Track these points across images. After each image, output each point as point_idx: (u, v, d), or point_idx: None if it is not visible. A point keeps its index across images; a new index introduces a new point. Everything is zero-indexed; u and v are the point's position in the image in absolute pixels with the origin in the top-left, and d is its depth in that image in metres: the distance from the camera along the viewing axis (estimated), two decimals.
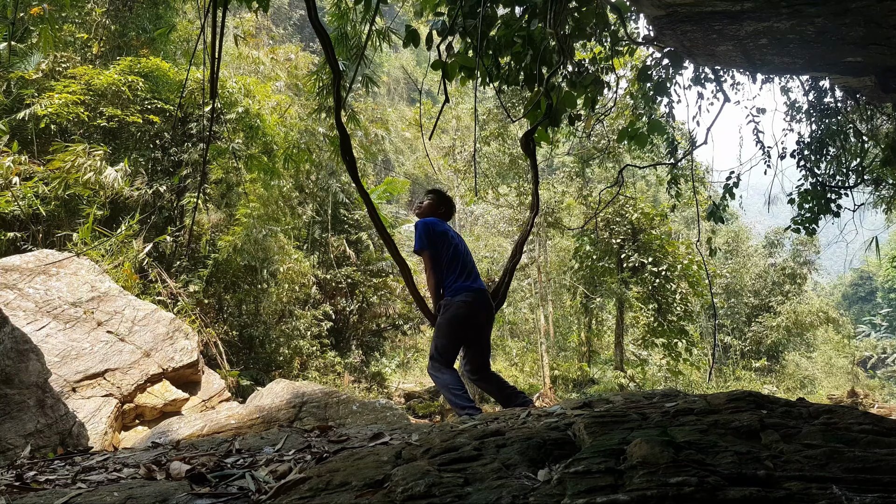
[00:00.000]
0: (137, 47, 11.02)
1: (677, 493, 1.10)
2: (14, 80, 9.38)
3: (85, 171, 8.88)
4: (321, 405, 5.20)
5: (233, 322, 11.39)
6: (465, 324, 3.71)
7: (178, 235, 10.33)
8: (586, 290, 16.33)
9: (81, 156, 8.97)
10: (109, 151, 9.51)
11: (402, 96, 32.85)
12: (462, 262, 3.85)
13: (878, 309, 32.55)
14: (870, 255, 27.24)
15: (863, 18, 3.44)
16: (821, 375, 21.72)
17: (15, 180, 8.39)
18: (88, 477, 2.04)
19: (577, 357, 18.45)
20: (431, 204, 4.09)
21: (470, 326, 3.74)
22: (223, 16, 2.53)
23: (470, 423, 2.34)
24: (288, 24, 27.86)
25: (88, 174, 8.89)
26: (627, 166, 7.25)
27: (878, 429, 1.54)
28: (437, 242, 3.80)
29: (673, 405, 2.05)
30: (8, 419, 4.24)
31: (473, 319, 3.73)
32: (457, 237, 3.98)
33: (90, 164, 8.95)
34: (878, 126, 7.21)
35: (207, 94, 3.31)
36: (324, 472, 1.56)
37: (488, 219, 18.42)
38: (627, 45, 5.91)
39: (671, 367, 15.14)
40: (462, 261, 3.86)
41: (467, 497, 1.24)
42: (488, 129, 14.87)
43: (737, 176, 6.31)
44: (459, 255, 3.86)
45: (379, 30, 5.70)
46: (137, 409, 6.33)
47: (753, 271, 22.45)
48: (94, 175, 8.92)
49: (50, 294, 6.65)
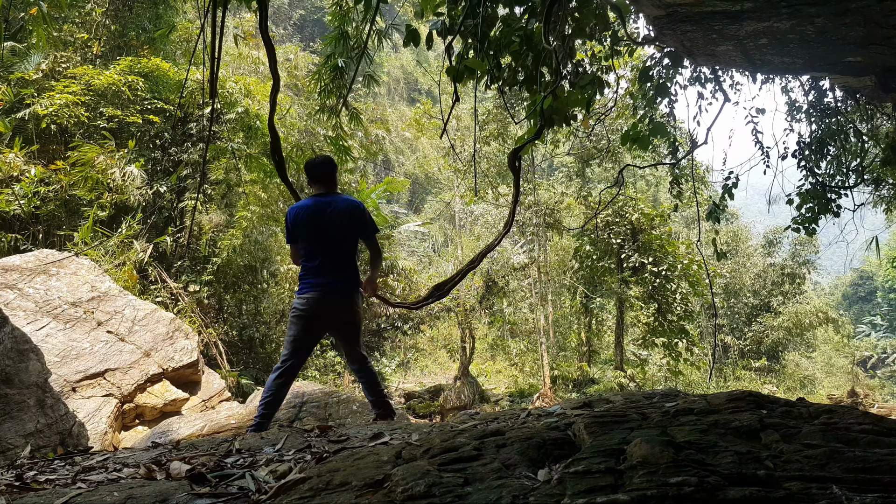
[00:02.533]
0: (137, 47, 11.02)
1: (677, 493, 1.10)
2: (14, 81, 9.39)
3: (104, 168, 8.94)
4: (321, 405, 5.20)
5: (233, 322, 11.39)
6: (301, 324, 3.56)
7: (178, 236, 10.33)
8: (586, 290, 16.33)
9: (100, 152, 9.03)
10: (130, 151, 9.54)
11: (402, 96, 32.85)
12: (318, 251, 3.55)
13: (878, 309, 32.54)
14: (870, 255, 27.23)
15: (863, 18, 3.44)
16: (821, 375, 21.72)
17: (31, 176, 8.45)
18: (88, 477, 2.03)
19: (577, 357, 18.44)
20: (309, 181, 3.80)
21: (309, 328, 3.58)
22: (223, 16, 2.53)
23: (470, 423, 2.34)
24: (288, 24, 27.87)
25: (113, 171, 8.96)
26: (627, 166, 7.25)
27: (878, 429, 1.54)
28: (295, 232, 3.61)
29: (673, 405, 2.05)
30: (8, 419, 4.24)
31: (311, 321, 3.56)
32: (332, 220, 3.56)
33: (112, 162, 9.02)
34: (878, 126, 7.21)
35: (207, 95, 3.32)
36: (324, 472, 1.56)
37: (488, 219, 18.41)
38: (627, 45, 5.91)
39: (671, 367, 15.14)
40: (319, 250, 3.55)
41: (467, 497, 1.24)
42: (488, 129, 14.87)
43: (735, 176, 6.31)
44: (318, 243, 3.56)
45: (380, 30, 5.70)
46: (137, 409, 6.33)
47: (753, 271, 22.46)
48: (118, 173, 9.00)
49: (50, 294, 6.65)
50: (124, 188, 9.16)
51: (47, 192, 8.83)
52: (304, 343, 3.64)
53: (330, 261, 3.57)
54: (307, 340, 3.66)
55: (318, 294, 3.54)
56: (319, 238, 3.57)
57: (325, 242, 3.57)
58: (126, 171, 9.17)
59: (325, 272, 3.56)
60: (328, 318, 3.63)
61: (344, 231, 3.61)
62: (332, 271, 3.57)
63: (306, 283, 3.57)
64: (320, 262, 3.56)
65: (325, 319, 3.62)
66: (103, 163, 8.95)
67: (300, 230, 3.60)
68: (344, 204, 3.64)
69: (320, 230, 3.56)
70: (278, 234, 12.18)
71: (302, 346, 3.63)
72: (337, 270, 3.58)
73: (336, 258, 3.59)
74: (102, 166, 8.94)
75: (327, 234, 3.57)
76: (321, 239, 3.57)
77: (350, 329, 3.72)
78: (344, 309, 3.62)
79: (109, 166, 9.00)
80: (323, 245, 3.57)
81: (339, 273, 3.59)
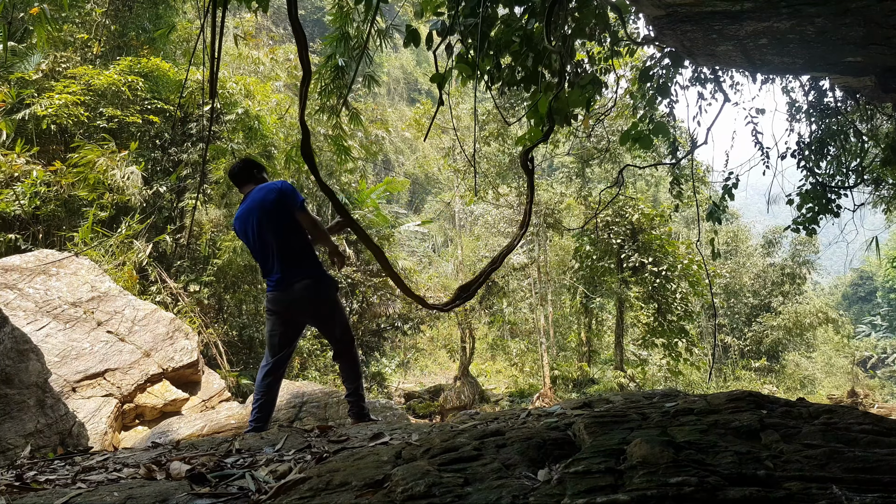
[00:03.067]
0: (137, 47, 11.02)
1: (677, 493, 1.10)
2: (14, 81, 9.39)
3: (105, 168, 8.95)
4: (321, 405, 5.19)
5: (233, 322, 11.39)
6: (273, 320, 3.53)
7: (179, 237, 10.33)
8: (586, 290, 16.34)
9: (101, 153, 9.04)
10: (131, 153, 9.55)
11: (402, 96, 32.86)
12: (263, 253, 3.46)
13: (878, 309, 32.54)
14: (870, 255, 27.23)
15: (863, 18, 3.44)
16: (821, 375, 21.73)
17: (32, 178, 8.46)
18: (88, 477, 2.04)
19: (577, 357, 18.45)
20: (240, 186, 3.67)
21: (282, 321, 3.53)
22: (223, 16, 2.53)
23: (470, 423, 2.34)
24: (288, 25, 27.82)
25: (113, 171, 8.97)
26: (627, 166, 7.25)
27: (878, 429, 1.54)
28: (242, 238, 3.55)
29: (673, 405, 2.05)
30: (8, 419, 4.24)
31: (281, 316, 3.52)
32: (255, 221, 3.43)
33: (112, 163, 9.03)
34: (878, 126, 7.21)
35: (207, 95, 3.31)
36: (324, 472, 1.56)
37: (488, 219, 18.42)
38: (627, 45, 5.91)
39: (671, 367, 15.14)
40: (263, 252, 3.46)
41: (467, 497, 1.24)
42: (488, 129, 14.88)
43: (736, 177, 6.31)
44: (258, 246, 3.47)
45: (380, 30, 5.71)
46: (137, 409, 6.33)
47: (752, 271, 22.47)
48: (118, 174, 9.01)
49: (50, 294, 6.65)
50: (124, 188, 9.17)
51: (47, 192, 8.83)
52: (283, 338, 3.55)
53: (276, 260, 3.43)
54: (285, 335, 3.56)
55: (278, 293, 3.47)
56: (256, 243, 3.46)
57: (263, 245, 3.45)
58: (126, 172, 9.18)
59: (277, 271, 3.44)
60: (298, 314, 3.55)
61: (272, 226, 3.42)
62: (283, 269, 3.42)
63: (268, 282, 3.52)
64: (271, 264, 3.47)
65: (296, 315, 3.55)
66: (104, 164, 8.96)
67: (243, 241, 3.58)
68: (259, 196, 3.46)
69: (252, 235, 3.46)
70: None
71: (280, 342, 3.54)
72: (288, 267, 3.43)
73: (282, 255, 3.42)
74: (103, 167, 8.95)
75: (259, 236, 3.44)
76: (258, 243, 3.45)
77: (325, 321, 3.63)
78: (310, 304, 3.49)
79: (110, 167, 9.01)
80: (263, 247, 3.45)
81: (292, 268, 3.43)
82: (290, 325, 3.58)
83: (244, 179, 3.64)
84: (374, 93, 23.28)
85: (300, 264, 3.46)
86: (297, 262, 3.46)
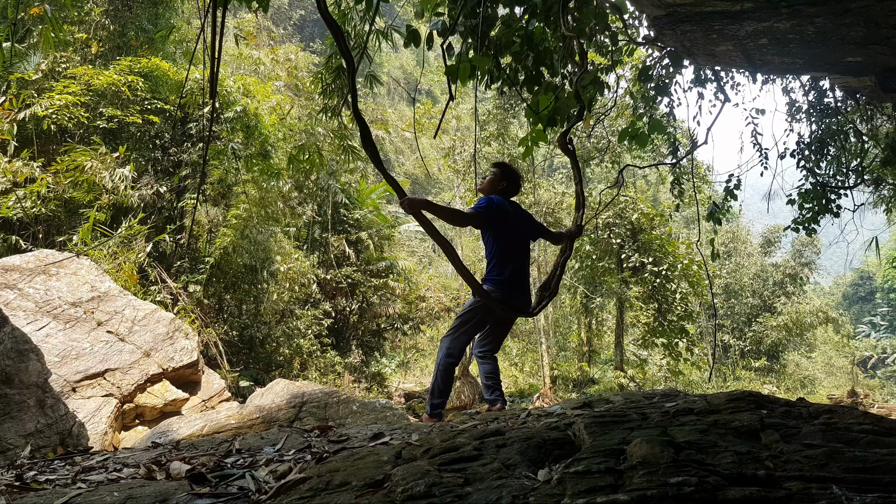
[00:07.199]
0: (137, 47, 11.01)
1: (677, 493, 1.10)
2: (14, 81, 9.38)
3: (96, 171, 8.96)
4: (321, 405, 5.19)
5: (233, 322, 11.38)
6: (488, 314, 3.62)
7: (179, 237, 10.33)
8: (586, 290, 16.34)
9: (92, 157, 9.04)
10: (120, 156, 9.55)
11: (402, 96, 32.85)
12: (512, 257, 3.61)
13: (878, 309, 32.54)
14: (870, 255, 27.22)
15: (863, 18, 3.44)
16: (821, 375, 21.73)
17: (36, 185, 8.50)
18: (88, 477, 2.04)
19: (577, 357, 18.44)
20: (493, 179, 3.75)
21: (490, 319, 3.65)
22: (223, 16, 2.53)
23: (470, 423, 2.34)
24: (288, 25, 27.85)
25: (102, 174, 8.97)
26: (627, 166, 7.25)
27: (878, 429, 1.54)
28: (493, 220, 3.57)
29: (673, 405, 2.05)
30: (8, 419, 4.24)
31: (495, 315, 3.63)
32: (518, 223, 3.68)
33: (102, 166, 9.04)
34: (878, 126, 7.20)
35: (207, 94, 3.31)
36: (324, 472, 1.56)
37: None
38: (627, 46, 5.90)
39: (671, 367, 15.14)
40: (513, 256, 3.61)
41: (467, 497, 1.24)
42: (488, 129, 14.88)
43: (737, 178, 6.31)
44: (511, 247, 3.60)
45: (380, 30, 5.70)
46: (137, 409, 6.33)
47: (752, 271, 22.46)
48: (108, 176, 9.02)
49: (50, 294, 6.65)
50: (119, 189, 9.18)
51: (47, 193, 8.83)
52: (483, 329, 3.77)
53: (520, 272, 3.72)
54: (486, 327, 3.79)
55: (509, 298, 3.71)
56: (512, 242, 3.68)
57: (517, 251, 3.69)
58: (117, 173, 9.18)
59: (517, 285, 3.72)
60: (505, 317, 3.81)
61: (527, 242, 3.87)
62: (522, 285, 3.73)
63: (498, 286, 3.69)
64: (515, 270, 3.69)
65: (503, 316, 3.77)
66: (94, 168, 8.96)
67: (499, 221, 3.61)
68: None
69: (516, 233, 3.71)
70: (278, 235, 12.17)
71: (478, 331, 3.78)
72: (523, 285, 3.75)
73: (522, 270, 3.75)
74: (94, 171, 8.96)
75: (518, 238, 3.72)
76: (515, 244, 3.70)
77: (508, 329, 4.00)
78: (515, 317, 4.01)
79: (100, 170, 9.01)
80: (516, 253, 3.69)
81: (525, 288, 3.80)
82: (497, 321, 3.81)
83: (509, 187, 3.79)
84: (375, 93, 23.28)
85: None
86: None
